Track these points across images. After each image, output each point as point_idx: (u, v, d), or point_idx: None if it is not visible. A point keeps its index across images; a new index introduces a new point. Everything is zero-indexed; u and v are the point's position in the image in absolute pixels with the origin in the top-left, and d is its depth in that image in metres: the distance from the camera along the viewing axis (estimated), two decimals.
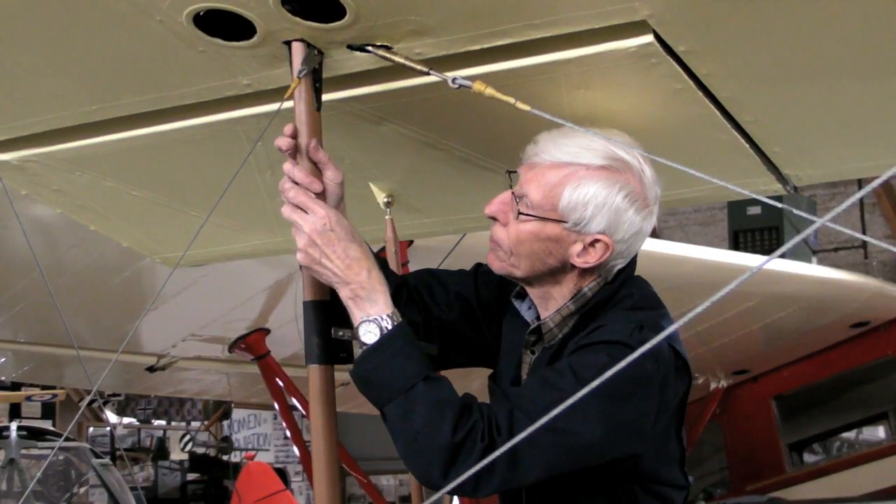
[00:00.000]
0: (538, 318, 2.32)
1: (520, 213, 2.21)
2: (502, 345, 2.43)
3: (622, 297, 2.22)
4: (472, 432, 1.96)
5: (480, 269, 2.54)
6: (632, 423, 2.05)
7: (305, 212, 2.14)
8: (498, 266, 2.30)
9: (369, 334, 2.08)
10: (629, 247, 2.22)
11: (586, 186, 2.15)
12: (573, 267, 2.22)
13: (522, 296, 2.38)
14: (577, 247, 2.19)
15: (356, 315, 2.11)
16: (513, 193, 2.24)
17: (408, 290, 2.44)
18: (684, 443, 2.28)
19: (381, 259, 2.25)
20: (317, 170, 2.23)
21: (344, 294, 2.12)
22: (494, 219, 2.28)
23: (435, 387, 2.03)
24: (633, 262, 2.28)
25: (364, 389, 2.09)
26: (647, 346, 1.49)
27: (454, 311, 2.48)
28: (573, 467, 2.04)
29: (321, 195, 2.20)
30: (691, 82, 2.26)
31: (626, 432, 2.05)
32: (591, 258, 2.19)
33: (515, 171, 2.27)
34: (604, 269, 2.24)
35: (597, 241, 2.18)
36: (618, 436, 2.03)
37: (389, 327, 2.08)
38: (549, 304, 2.29)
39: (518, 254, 2.24)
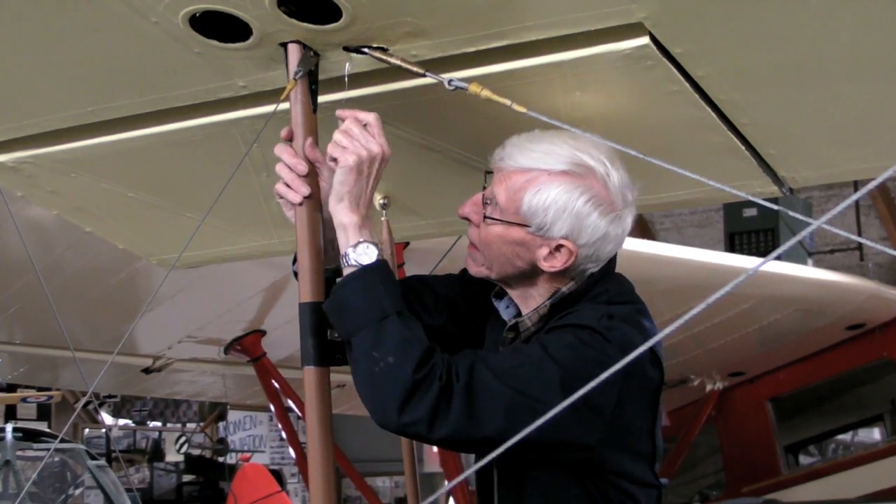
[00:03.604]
0: (517, 315, 2.35)
1: (485, 217, 2.25)
2: (485, 344, 2.45)
3: (597, 293, 2.24)
4: (432, 372, 2.00)
5: (467, 273, 2.55)
6: (591, 406, 2.04)
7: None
8: (475, 269, 2.34)
9: (365, 255, 2.13)
10: (596, 251, 2.22)
11: (546, 191, 2.17)
12: (543, 270, 2.24)
13: (501, 295, 2.40)
14: (544, 251, 2.21)
15: (356, 235, 2.15)
16: (483, 196, 2.27)
17: None
18: (658, 441, 2.26)
19: None
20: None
21: (354, 215, 2.16)
22: (469, 220, 2.31)
23: (407, 323, 2.08)
24: (610, 264, 2.28)
25: (338, 315, 2.12)
26: (650, 343, 1.49)
27: (443, 315, 2.50)
28: (530, 435, 2.00)
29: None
30: (687, 85, 2.26)
31: (585, 412, 2.04)
32: (558, 262, 2.21)
33: (492, 172, 2.30)
34: (576, 273, 2.25)
35: (561, 245, 2.20)
36: (576, 414, 2.00)
37: (375, 259, 2.14)
38: (530, 303, 2.32)
39: (489, 256, 2.28)
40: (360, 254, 2.13)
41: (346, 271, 2.15)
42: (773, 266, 6.14)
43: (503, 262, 2.27)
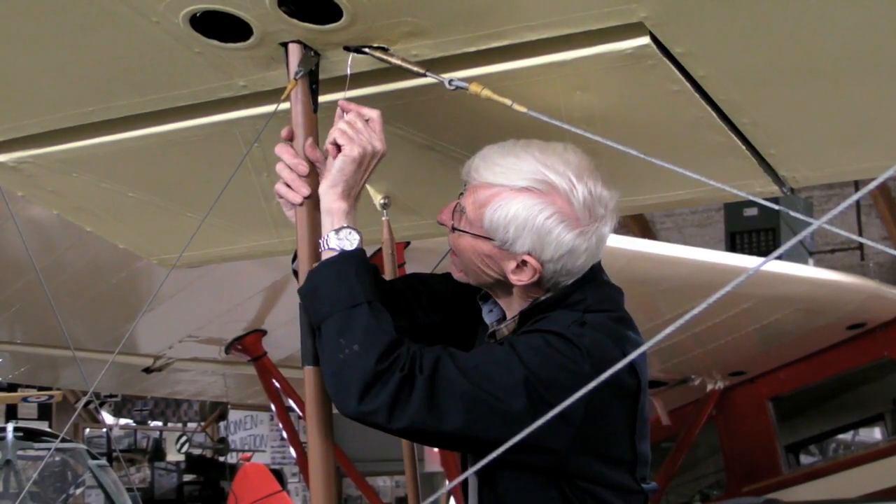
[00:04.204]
0: (500, 319, 2.36)
1: (454, 228, 2.28)
2: (476, 344, 2.44)
3: (575, 300, 2.22)
4: (395, 362, 2.02)
5: None
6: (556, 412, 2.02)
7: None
8: (456, 274, 2.36)
9: (347, 241, 2.16)
10: (564, 265, 2.20)
11: (506, 208, 2.17)
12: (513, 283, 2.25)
13: (486, 298, 2.41)
14: (511, 264, 2.21)
15: (342, 220, 2.18)
16: (457, 205, 2.28)
17: (395, 294, 2.45)
18: (641, 447, 2.23)
19: (373, 266, 2.25)
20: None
21: (344, 202, 2.19)
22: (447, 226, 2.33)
23: (376, 314, 2.10)
24: (592, 273, 2.26)
25: (310, 300, 2.15)
26: (630, 357, 1.50)
27: (439, 313, 2.51)
28: (492, 434, 2.00)
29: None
30: (688, 84, 2.26)
31: (551, 418, 2.02)
32: (524, 276, 2.21)
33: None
34: (550, 285, 2.24)
35: (525, 261, 2.19)
36: (540, 416, 2.00)
37: (356, 246, 2.17)
38: (511, 309, 2.32)
39: (464, 263, 2.30)
40: (342, 238, 2.17)
41: (324, 255, 2.17)
42: (773, 266, 6.13)
43: (477, 271, 2.28)
